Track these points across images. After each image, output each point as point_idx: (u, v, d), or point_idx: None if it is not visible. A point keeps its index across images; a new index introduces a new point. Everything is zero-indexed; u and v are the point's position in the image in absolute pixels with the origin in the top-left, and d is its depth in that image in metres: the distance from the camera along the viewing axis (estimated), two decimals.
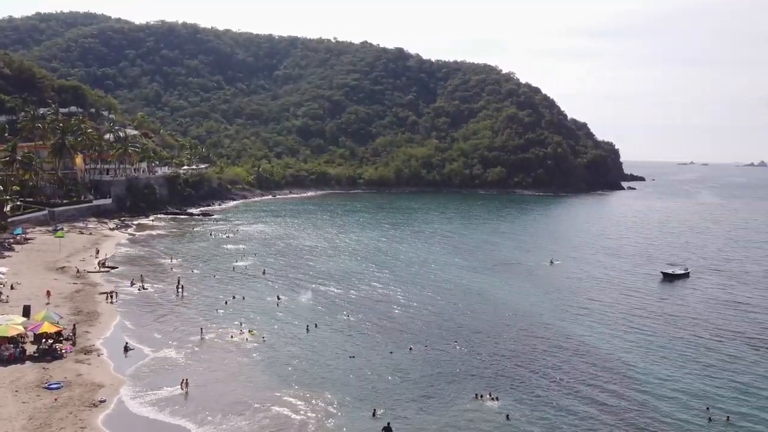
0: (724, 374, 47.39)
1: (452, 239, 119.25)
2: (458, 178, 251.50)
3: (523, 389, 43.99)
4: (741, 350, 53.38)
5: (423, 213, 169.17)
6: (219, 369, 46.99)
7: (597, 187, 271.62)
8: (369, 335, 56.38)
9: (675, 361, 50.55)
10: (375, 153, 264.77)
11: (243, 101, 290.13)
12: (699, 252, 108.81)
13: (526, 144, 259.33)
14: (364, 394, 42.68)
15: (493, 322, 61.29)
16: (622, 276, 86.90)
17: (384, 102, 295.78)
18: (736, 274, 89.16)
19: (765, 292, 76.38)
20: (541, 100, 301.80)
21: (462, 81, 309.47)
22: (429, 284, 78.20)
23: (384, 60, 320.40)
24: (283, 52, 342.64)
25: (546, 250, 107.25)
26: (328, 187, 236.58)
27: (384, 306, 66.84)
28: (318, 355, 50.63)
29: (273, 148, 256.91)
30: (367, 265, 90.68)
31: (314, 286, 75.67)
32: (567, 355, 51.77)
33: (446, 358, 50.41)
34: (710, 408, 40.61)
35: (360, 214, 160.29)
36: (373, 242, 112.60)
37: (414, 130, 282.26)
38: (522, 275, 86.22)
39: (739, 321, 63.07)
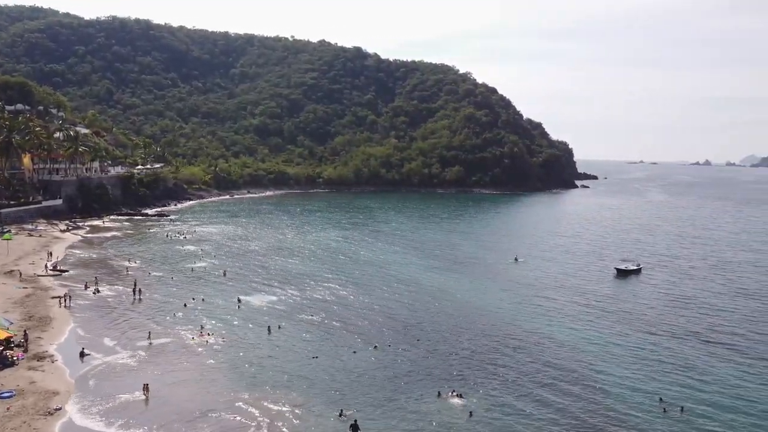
0: (675, 368, 49.12)
1: (412, 238, 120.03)
2: (417, 178, 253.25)
3: (486, 386, 44.70)
4: (690, 344, 55.43)
5: (382, 212, 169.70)
6: (181, 373, 46.18)
7: (552, 185, 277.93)
8: (331, 335, 56.33)
9: (630, 355, 52.18)
10: (334, 152, 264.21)
11: (199, 99, 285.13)
12: (649, 248, 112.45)
13: (483, 143, 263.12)
14: (329, 394, 42.67)
15: (455, 321, 62.04)
16: (577, 272, 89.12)
17: (343, 101, 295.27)
18: (684, 269, 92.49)
19: (710, 287, 79.50)
20: (497, 100, 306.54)
21: (420, 81, 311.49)
22: (390, 284, 78.56)
23: (342, 59, 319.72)
24: (240, 50, 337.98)
25: (505, 248, 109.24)
26: (287, 186, 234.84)
27: (345, 306, 66.86)
28: (281, 356, 50.32)
29: (230, 147, 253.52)
30: (327, 265, 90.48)
31: (275, 287, 75.12)
32: (527, 351, 52.83)
33: (409, 357, 50.81)
34: (663, 400, 42.14)
35: (319, 214, 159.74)
36: (332, 242, 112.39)
37: (373, 130, 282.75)
38: (482, 273, 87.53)
39: (688, 315, 65.46)
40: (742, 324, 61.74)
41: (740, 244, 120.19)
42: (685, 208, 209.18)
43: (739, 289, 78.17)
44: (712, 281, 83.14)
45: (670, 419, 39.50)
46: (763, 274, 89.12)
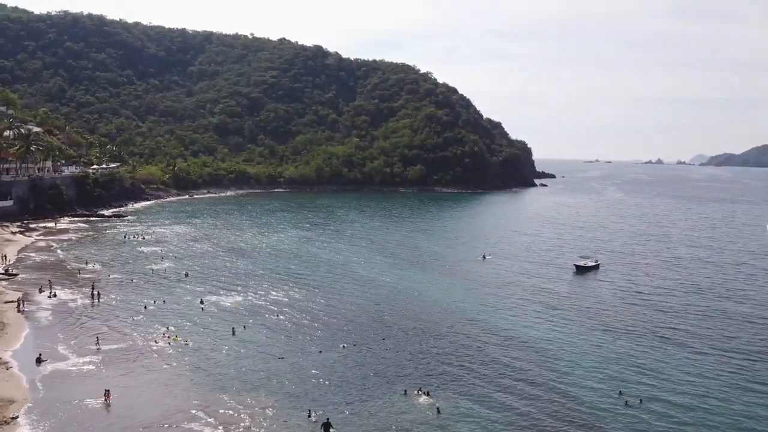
0: (633, 362, 50.57)
1: (374, 238, 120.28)
2: (379, 177, 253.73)
3: (452, 384, 45.21)
4: (647, 339, 57.16)
5: (344, 212, 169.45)
6: (143, 377, 45.30)
7: (512, 184, 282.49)
8: (296, 336, 56.06)
9: (590, 351, 53.50)
10: (295, 151, 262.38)
11: (156, 97, 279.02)
12: (606, 245, 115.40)
13: (444, 143, 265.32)
14: (297, 395, 42.51)
15: (419, 320, 62.49)
16: (538, 269, 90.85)
17: (304, 100, 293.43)
18: (639, 265, 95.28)
19: (665, 283, 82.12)
20: (458, 99, 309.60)
21: (381, 80, 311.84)
22: (353, 283, 78.60)
23: (303, 57, 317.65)
24: (198, 48, 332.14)
25: (468, 247, 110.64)
26: (248, 186, 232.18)
27: (309, 306, 66.59)
28: (246, 358, 49.85)
29: (189, 146, 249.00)
30: (290, 265, 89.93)
31: (238, 287, 74.30)
32: (492, 349, 53.63)
33: (376, 356, 51.00)
34: (622, 393, 43.41)
35: (281, 214, 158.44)
36: (294, 242, 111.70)
37: (334, 129, 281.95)
38: (445, 272, 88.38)
39: (644, 311, 67.46)
40: (695, 319, 63.97)
41: (692, 240, 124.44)
42: (640, 205, 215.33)
43: (692, 285, 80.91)
44: (666, 277, 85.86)
45: (631, 412, 40.69)
46: (714, 270, 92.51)
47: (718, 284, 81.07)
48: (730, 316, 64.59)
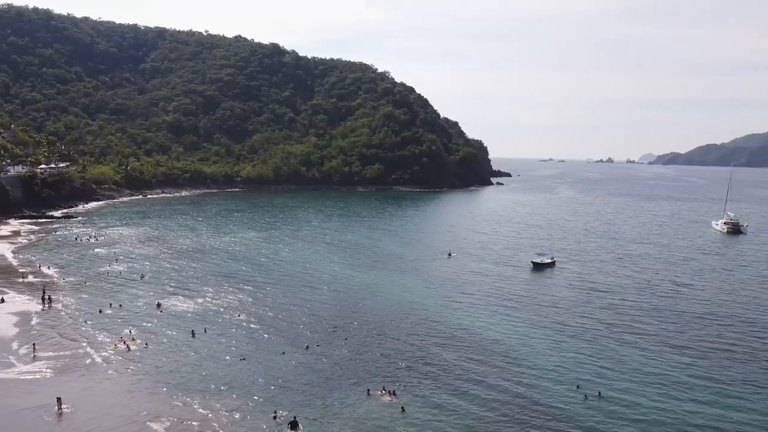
0: (590, 356, 52.10)
1: (334, 237, 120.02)
2: (338, 176, 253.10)
3: (416, 383, 45.63)
4: (602, 333, 58.90)
5: (303, 211, 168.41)
6: (100, 384, 44.15)
7: (469, 182, 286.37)
8: (257, 337, 55.59)
9: (549, 346, 54.78)
10: (252, 150, 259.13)
11: (106, 95, 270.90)
12: (561, 243, 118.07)
13: (402, 142, 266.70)
14: (261, 397, 42.19)
15: (381, 319, 62.78)
16: (496, 267, 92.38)
17: (260, 98, 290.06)
18: (593, 262, 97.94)
19: (618, 280, 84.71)
20: (415, 99, 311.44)
21: (339, 79, 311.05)
22: (314, 284, 78.31)
23: (259, 55, 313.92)
24: (150, 44, 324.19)
25: (427, 245, 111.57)
26: (204, 186, 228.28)
27: (270, 307, 66.08)
28: (208, 360, 49.17)
29: (142, 145, 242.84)
30: (249, 266, 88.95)
31: (196, 290, 73.12)
32: (454, 347, 54.33)
33: (339, 356, 51.00)
34: (579, 387, 44.66)
35: (238, 214, 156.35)
36: (253, 243, 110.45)
37: (292, 128, 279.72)
38: (406, 270, 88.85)
39: (599, 306, 69.51)
40: (647, 314, 66.21)
41: (642, 237, 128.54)
42: (592, 204, 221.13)
43: (643, 281, 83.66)
44: (618, 274, 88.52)
45: (590, 405, 41.90)
46: (664, 266, 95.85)
47: (668, 280, 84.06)
48: (680, 312, 67.10)
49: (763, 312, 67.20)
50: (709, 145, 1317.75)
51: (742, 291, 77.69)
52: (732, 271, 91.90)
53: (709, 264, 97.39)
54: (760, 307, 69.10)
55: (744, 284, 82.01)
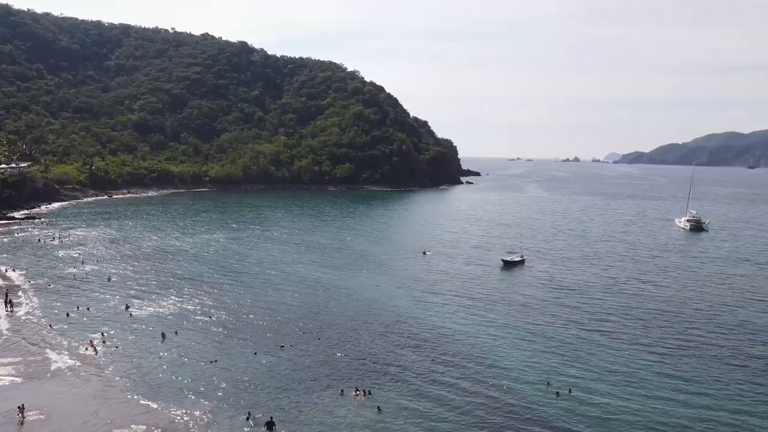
0: (560, 354, 52.93)
1: (304, 237, 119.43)
2: (308, 175, 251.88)
3: (390, 382, 45.76)
4: (571, 331, 59.91)
5: (272, 211, 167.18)
6: (68, 389, 43.16)
7: (439, 181, 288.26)
8: (229, 339, 55.04)
9: (520, 344, 55.51)
10: (221, 150, 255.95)
11: (69, 93, 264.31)
12: (530, 241, 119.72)
13: (372, 141, 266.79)
14: (235, 398, 41.81)
15: (354, 318, 62.76)
16: (467, 265, 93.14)
17: (229, 97, 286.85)
18: (561, 260, 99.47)
19: (586, 278, 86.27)
20: (385, 98, 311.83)
21: (308, 78, 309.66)
22: (284, 284, 77.83)
23: (227, 53, 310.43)
24: (115, 41, 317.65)
25: (398, 244, 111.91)
26: (171, 185, 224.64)
27: (240, 308, 65.49)
28: (180, 363, 48.49)
29: (106, 144, 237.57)
30: (218, 267, 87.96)
31: (165, 291, 72.02)
32: (427, 345, 54.63)
33: (312, 357, 50.83)
34: (550, 384, 45.35)
35: (207, 214, 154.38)
36: (221, 244, 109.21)
37: (261, 127, 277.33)
38: (376, 270, 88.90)
39: (568, 304, 70.64)
40: (614, 311, 67.59)
41: (608, 235, 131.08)
42: (560, 202, 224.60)
43: (611, 278, 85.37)
44: (586, 271, 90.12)
45: (562, 401, 42.56)
46: (630, 263, 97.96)
47: (634, 278, 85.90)
48: (646, 308, 68.67)
49: (725, 309, 69.19)
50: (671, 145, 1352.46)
51: (705, 288, 79.87)
52: (695, 268, 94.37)
53: (673, 261, 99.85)
54: (723, 304, 71.10)
55: (707, 281, 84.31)
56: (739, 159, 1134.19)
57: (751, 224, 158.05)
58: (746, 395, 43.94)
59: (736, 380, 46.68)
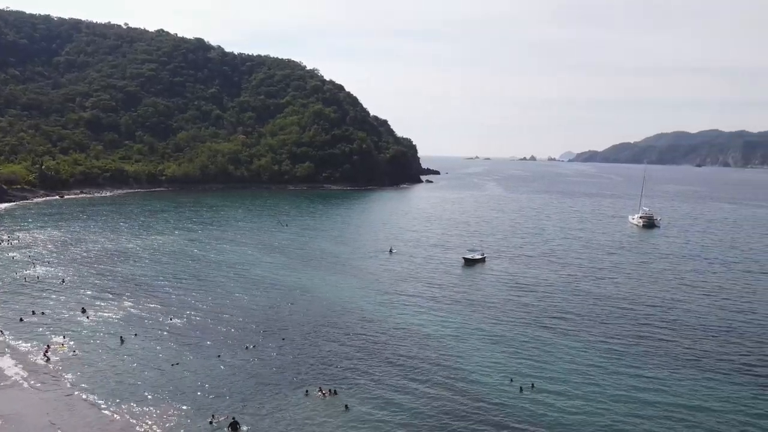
0: (522, 349, 53.95)
1: (264, 237, 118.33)
2: (267, 174, 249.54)
3: (356, 381, 45.85)
4: (532, 327, 61.15)
5: (231, 211, 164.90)
6: (25, 398, 41.76)
7: (400, 180, 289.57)
8: (191, 341, 54.16)
9: (483, 341, 56.35)
10: (177, 148, 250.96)
11: (16, 89, 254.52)
12: (490, 239, 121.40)
13: (332, 140, 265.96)
14: (198, 401, 41.23)
15: (317, 319, 62.58)
16: (429, 263, 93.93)
17: (185, 95, 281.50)
18: (520, 257, 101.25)
19: (545, 274, 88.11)
20: (345, 97, 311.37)
21: (267, 76, 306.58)
22: (245, 284, 77.06)
23: (183, 50, 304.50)
24: (65, 36, 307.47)
25: (359, 244, 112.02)
26: (126, 185, 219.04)
27: (201, 310, 64.53)
28: (140, 366, 47.49)
29: (57, 142, 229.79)
30: (176, 268, 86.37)
31: (122, 294, 70.37)
32: (392, 344, 54.93)
33: (275, 358, 50.48)
34: (513, 380, 46.17)
35: (164, 215, 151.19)
36: (179, 244, 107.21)
37: (219, 125, 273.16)
38: (338, 270, 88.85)
39: (528, 301, 72.02)
40: (573, 307, 69.23)
41: (565, 233, 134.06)
42: (518, 200, 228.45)
43: (568, 275, 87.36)
44: (545, 268, 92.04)
45: (525, 397, 43.41)
46: (587, 260, 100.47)
47: (591, 274, 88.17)
48: (604, 304, 70.59)
49: (677, 305, 71.66)
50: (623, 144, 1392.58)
51: (658, 284, 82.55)
52: (648, 264, 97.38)
53: (627, 257, 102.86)
54: (675, 300, 73.63)
55: (660, 277, 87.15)
56: (687, 158, 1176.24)
57: (699, 221, 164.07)
58: (699, 389, 45.35)
59: (690, 375, 48.12)
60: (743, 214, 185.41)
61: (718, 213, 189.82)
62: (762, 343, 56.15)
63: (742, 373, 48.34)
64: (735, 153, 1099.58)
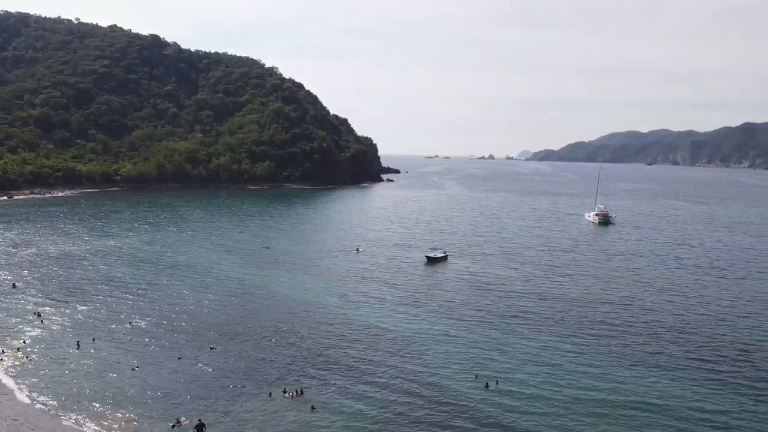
0: (485, 346, 54.75)
1: (222, 237, 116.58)
2: (226, 174, 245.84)
3: (321, 381, 45.72)
4: (493, 324, 62.13)
5: (189, 211, 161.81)
6: None
7: (360, 179, 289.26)
8: (150, 344, 53.06)
9: (447, 338, 56.92)
10: (133, 147, 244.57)
11: None
12: (451, 237, 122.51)
13: (293, 139, 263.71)
14: (159, 405, 40.44)
15: (280, 318, 62.12)
16: (391, 262, 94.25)
17: (140, 92, 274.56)
18: (481, 255, 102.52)
19: (504, 271, 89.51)
20: (304, 95, 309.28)
21: (225, 73, 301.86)
22: (205, 285, 75.88)
23: (138, 47, 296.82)
24: (12, 31, 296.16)
25: (320, 243, 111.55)
26: (79, 185, 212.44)
27: (160, 312, 63.29)
28: (99, 371, 46.31)
29: (4, 141, 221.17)
30: (133, 270, 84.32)
31: (77, 297, 68.41)
32: (355, 343, 54.97)
33: (239, 359, 49.89)
34: (478, 377, 46.80)
35: (119, 215, 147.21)
36: (136, 245, 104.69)
37: (175, 123, 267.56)
38: (299, 269, 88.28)
39: (491, 298, 73.05)
40: (534, 304, 70.52)
41: (524, 231, 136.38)
42: (477, 199, 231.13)
43: (528, 272, 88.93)
44: (505, 266, 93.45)
45: (490, 394, 44.03)
46: (546, 257, 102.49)
47: (550, 271, 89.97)
48: (563, 300, 72.15)
49: (633, 300, 73.83)
50: (579, 143, 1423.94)
51: (614, 279, 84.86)
52: (604, 260, 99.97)
53: (584, 254, 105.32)
54: (631, 296, 75.84)
55: (615, 273, 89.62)
56: (639, 156, 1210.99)
57: (651, 218, 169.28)
58: (656, 386, 46.54)
59: (647, 373, 49.35)
60: (692, 211, 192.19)
61: (669, 210, 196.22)
62: (714, 338, 58.32)
63: (697, 369, 49.95)
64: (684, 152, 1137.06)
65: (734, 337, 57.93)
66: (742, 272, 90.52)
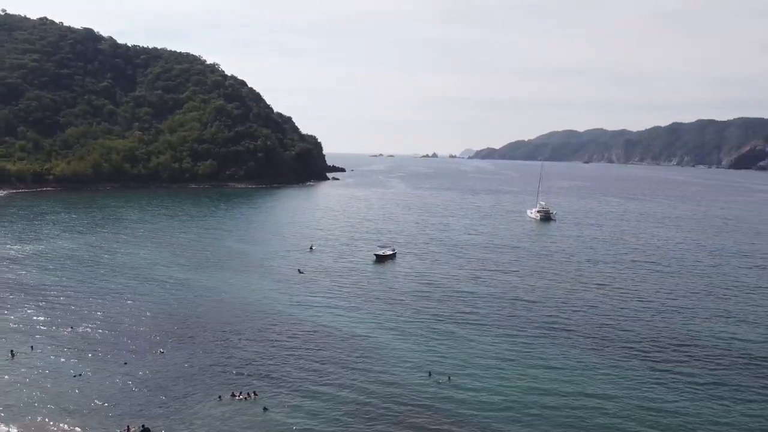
0: (437, 344, 55.39)
1: (163, 238, 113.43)
2: (167, 173, 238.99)
3: (273, 382, 45.19)
4: (443, 321, 62.95)
5: (127, 211, 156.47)
6: None
7: (305, 178, 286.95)
8: (93, 350, 51.11)
9: (399, 336, 57.29)
10: (66, 146, 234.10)
11: None
12: (398, 236, 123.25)
13: (236, 137, 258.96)
14: (105, 413, 39.06)
15: (228, 320, 61.02)
16: (339, 260, 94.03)
17: (73, 88, 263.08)
18: (428, 253, 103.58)
19: (451, 269, 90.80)
20: (247, 93, 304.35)
21: (164, 69, 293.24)
22: (147, 288, 73.58)
23: (70, 41, 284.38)
24: None
25: (267, 243, 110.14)
26: (8, 185, 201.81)
27: (102, 316, 61.06)
28: (37, 380, 44.28)
29: None
30: (69, 274, 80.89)
31: (8, 304, 65.20)
32: (306, 342, 54.60)
33: (187, 363, 48.71)
34: (431, 374, 47.33)
35: (52, 217, 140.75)
36: (71, 248, 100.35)
37: (112, 121, 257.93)
38: (245, 270, 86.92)
39: (439, 295, 73.95)
40: (482, 300, 71.79)
41: (469, 228, 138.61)
42: (423, 197, 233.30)
43: (474, 269, 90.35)
44: (452, 263, 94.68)
45: (441, 389, 44.62)
46: (491, 254, 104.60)
47: (495, 268, 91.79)
48: (509, 297, 73.70)
49: (576, 293, 76.31)
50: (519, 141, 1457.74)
51: (558, 275, 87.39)
52: (547, 256, 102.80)
53: (528, 250, 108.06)
54: (574, 290, 78.33)
55: (559, 268, 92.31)
56: (576, 155, 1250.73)
57: (590, 214, 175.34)
58: (603, 377, 48.22)
59: (593, 364, 50.86)
60: (628, 208, 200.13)
61: (606, 206, 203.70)
62: (653, 329, 60.94)
63: (639, 359, 51.98)
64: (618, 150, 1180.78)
65: (672, 330, 60.65)
66: (675, 266, 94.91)
